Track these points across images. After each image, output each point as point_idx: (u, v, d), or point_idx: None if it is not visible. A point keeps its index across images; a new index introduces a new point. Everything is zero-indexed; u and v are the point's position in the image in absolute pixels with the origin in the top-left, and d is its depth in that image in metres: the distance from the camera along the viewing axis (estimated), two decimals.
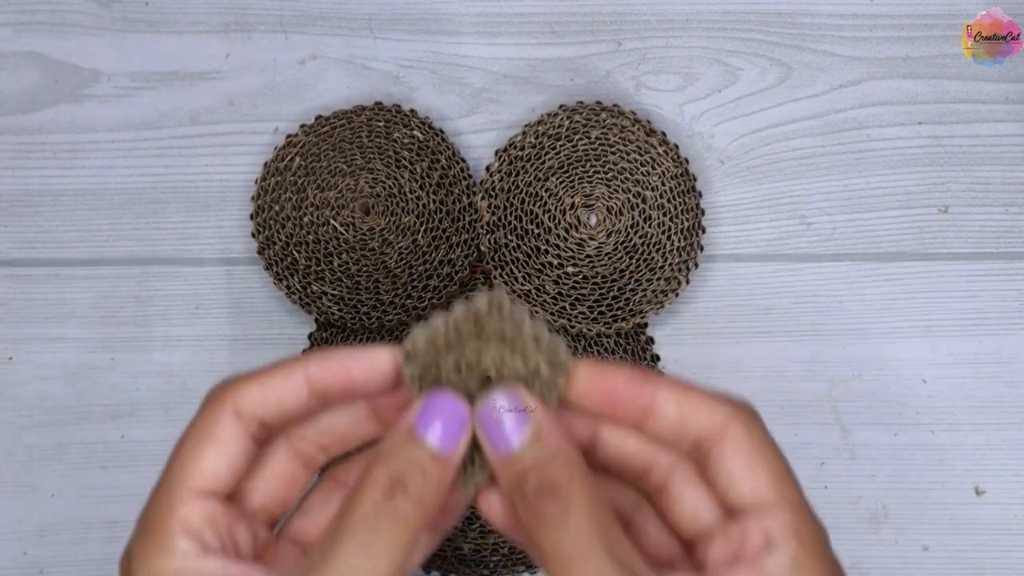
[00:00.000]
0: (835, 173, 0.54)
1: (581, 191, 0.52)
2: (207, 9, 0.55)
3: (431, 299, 0.51)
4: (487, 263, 0.52)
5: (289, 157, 0.53)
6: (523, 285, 0.51)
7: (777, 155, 0.54)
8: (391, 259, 0.51)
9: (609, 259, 0.52)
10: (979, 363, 0.52)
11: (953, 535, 0.51)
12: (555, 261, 0.52)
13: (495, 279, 0.51)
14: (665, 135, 0.53)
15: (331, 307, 0.51)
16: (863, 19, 0.55)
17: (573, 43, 0.55)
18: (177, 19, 0.55)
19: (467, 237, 0.52)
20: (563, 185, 0.52)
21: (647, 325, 0.52)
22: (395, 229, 0.52)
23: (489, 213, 0.52)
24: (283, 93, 0.55)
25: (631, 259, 0.52)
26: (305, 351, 0.52)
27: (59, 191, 0.54)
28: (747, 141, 0.54)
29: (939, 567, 0.50)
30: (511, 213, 0.52)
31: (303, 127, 0.53)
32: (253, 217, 0.52)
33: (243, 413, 0.32)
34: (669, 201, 0.52)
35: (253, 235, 0.52)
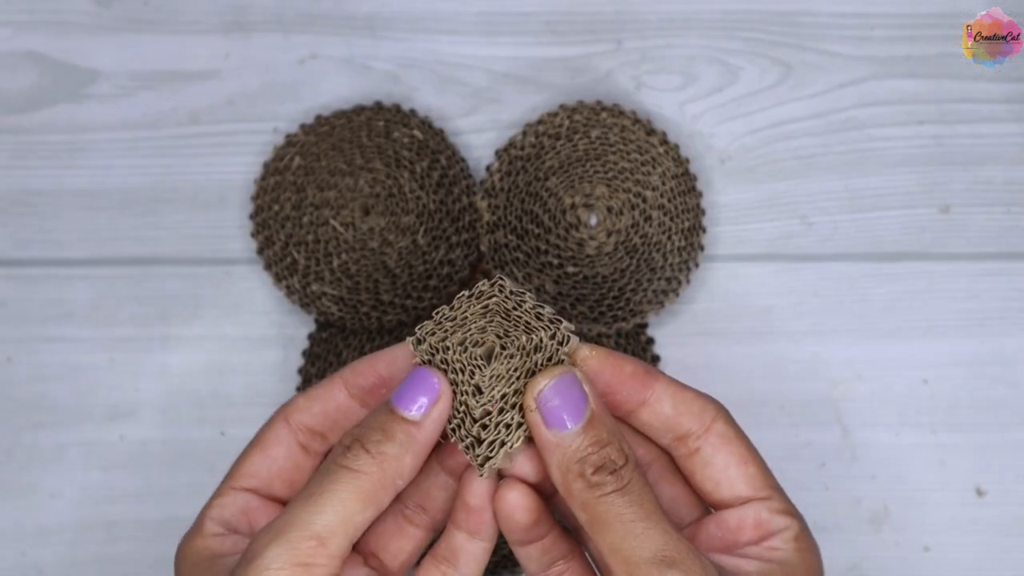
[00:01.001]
0: (836, 173, 0.54)
1: (581, 191, 0.52)
2: (206, 9, 0.55)
3: (431, 299, 0.51)
4: (487, 263, 0.52)
5: (289, 157, 0.53)
6: (523, 285, 0.51)
7: (778, 155, 0.54)
8: (391, 259, 0.51)
9: (609, 259, 0.52)
10: (980, 363, 0.52)
11: (954, 536, 0.51)
12: (555, 261, 0.51)
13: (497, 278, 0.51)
14: (665, 135, 0.53)
15: (331, 307, 0.51)
16: (864, 19, 0.55)
17: (573, 42, 0.55)
18: (176, 19, 0.55)
19: (467, 237, 0.52)
20: (563, 185, 0.52)
21: (647, 325, 0.52)
22: (395, 229, 0.52)
23: (489, 213, 0.52)
24: (283, 93, 0.54)
25: (631, 259, 0.52)
26: (305, 352, 0.52)
27: (58, 190, 0.53)
28: (748, 141, 0.54)
29: (940, 568, 0.50)
30: (511, 213, 0.52)
31: (303, 127, 0.53)
32: (252, 217, 0.52)
33: (292, 421, 0.36)
34: (669, 201, 0.52)
35: (252, 235, 0.52)
